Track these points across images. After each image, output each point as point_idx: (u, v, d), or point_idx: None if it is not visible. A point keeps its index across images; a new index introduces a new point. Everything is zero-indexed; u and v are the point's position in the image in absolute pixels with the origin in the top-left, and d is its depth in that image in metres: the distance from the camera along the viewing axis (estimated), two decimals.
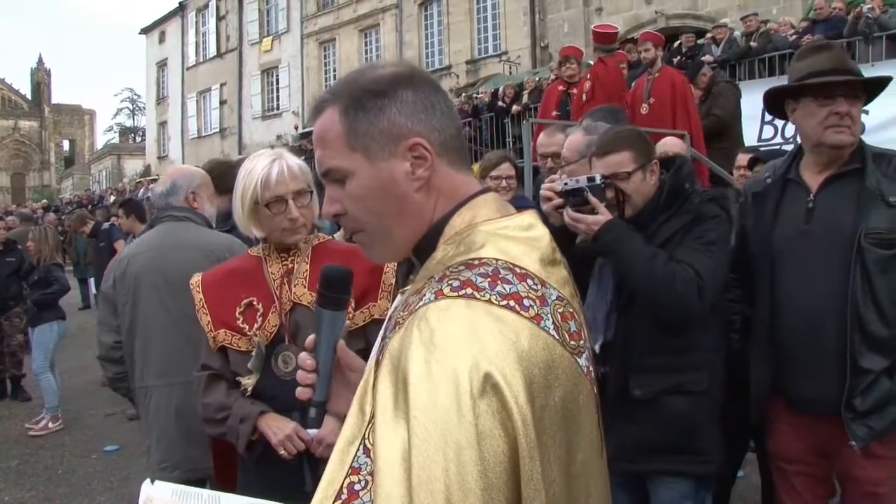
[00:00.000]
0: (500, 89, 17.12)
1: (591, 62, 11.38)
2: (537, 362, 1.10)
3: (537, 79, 16.78)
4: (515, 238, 1.22)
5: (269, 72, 38.00)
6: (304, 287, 2.50)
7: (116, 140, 73.22)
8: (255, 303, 2.50)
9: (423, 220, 1.29)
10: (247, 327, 2.50)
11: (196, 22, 42.88)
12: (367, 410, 1.10)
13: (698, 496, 2.88)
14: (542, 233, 1.27)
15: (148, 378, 3.41)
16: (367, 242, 1.35)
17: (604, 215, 2.80)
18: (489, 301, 1.11)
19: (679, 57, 13.46)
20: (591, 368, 1.24)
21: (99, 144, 76.05)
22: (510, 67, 25.55)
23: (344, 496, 1.08)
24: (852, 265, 2.64)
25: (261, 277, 2.55)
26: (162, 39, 46.51)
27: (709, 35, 14.14)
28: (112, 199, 28.50)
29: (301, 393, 1.46)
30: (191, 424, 3.25)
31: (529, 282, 1.16)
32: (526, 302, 1.13)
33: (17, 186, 70.79)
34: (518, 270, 1.17)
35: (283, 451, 2.37)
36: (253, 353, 2.46)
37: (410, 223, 1.29)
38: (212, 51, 41.88)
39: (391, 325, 1.21)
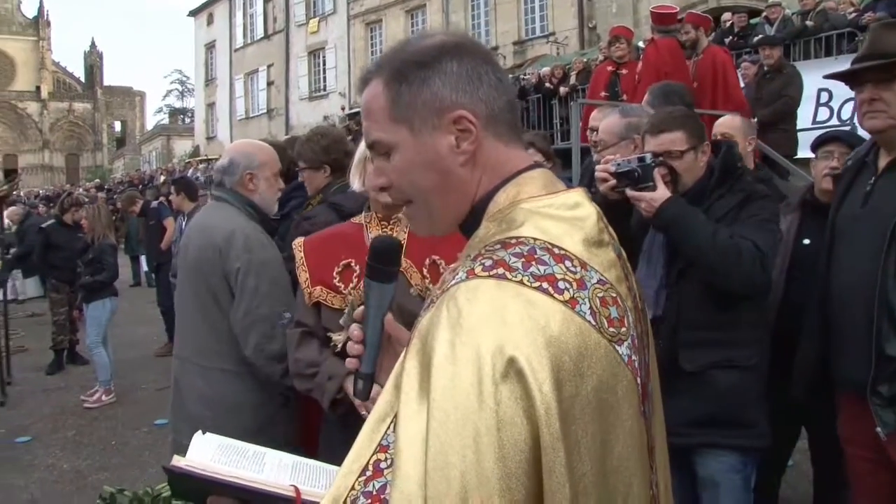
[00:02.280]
0: (547, 70, 17.00)
1: (641, 44, 11.27)
2: (568, 349, 1.04)
3: (585, 60, 16.63)
4: (558, 217, 1.18)
5: (315, 53, 38.20)
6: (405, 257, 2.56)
7: (166, 121, 74.33)
8: (352, 264, 2.58)
9: (468, 195, 1.26)
10: (342, 286, 2.59)
11: (243, 4, 43.23)
12: (402, 388, 1.07)
13: (745, 470, 2.91)
14: (587, 212, 1.21)
15: (179, 347, 3.47)
16: (413, 215, 1.33)
17: (662, 192, 2.82)
18: (521, 282, 1.06)
19: (731, 37, 13.21)
20: (634, 358, 1.16)
21: (149, 125, 77.24)
22: (557, 48, 25.36)
23: (368, 472, 1.06)
24: (885, 251, 2.61)
25: (361, 242, 2.61)
26: (210, 21, 46.96)
27: (763, 14, 13.84)
28: (161, 178, 28.94)
29: (349, 363, 1.47)
30: (186, 403, 3.31)
31: (567, 263, 1.11)
32: (561, 284, 1.08)
33: (72, 167, 72.20)
34: (556, 251, 1.12)
35: (363, 412, 2.42)
36: (346, 311, 2.50)
37: (454, 198, 1.26)
38: (259, 32, 42.21)
39: (426, 303, 1.19)
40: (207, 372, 3.26)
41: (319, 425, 2.82)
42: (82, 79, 78.20)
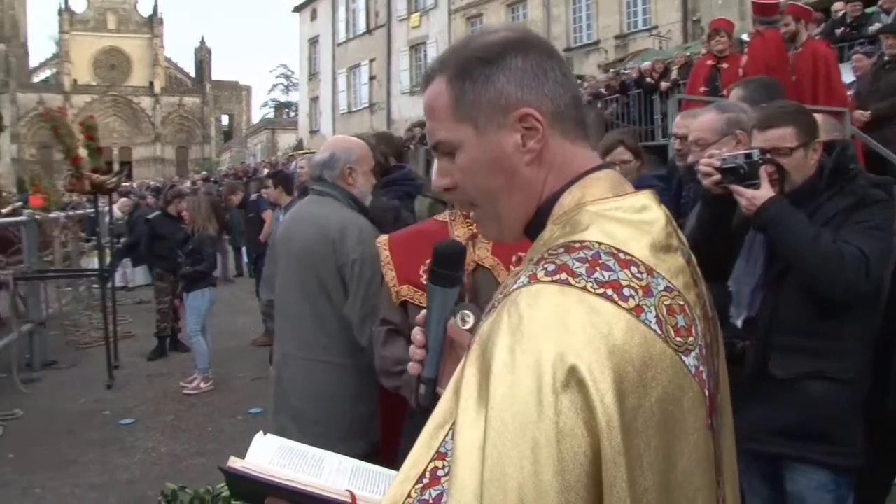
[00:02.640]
0: (648, 65, 16.66)
1: (745, 36, 10.89)
2: (631, 359, 0.99)
3: (688, 54, 16.22)
4: (625, 220, 1.13)
5: (416, 48, 38.46)
6: (487, 251, 2.54)
7: (271, 115, 76.13)
8: None
9: (534, 195, 1.21)
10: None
11: None
12: (460, 395, 1.04)
13: (839, 490, 2.74)
14: (656, 216, 1.16)
15: (280, 342, 3.51)
16: (480, 218, 1.29)
17: (766, 191, 2.71)
18: (584, 288, 1.02)
19: (843, 28, 12.64)
20: (702, 369, 1.10)
21: (255, 119, 79.28)
22: (660, 42, 24.83)
23: (426, 480, 1.04)
24: None
25: (446, 237, 2.58)
26: (314, 17, 47.85)
27: (879, 3, 13.18)
28: (265, 171, 29.66)
29: (411, 368, 1.46)
30: (289, 397, 3.35)
31: (633, 269, 1.07)
32: (626, 291, 1.04)
33: (181, 159, 74.87)
34: (622, 256, 1.07)
35: None
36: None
37: (520, 199, 1.22)
38: (361, 27, 42.79)
39: (488, 308, 1.14)
40: (311, 364, 3.30)
41: (400, 424, 2.80)
42: (192, 74, 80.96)
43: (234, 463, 1.46)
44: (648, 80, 16.01)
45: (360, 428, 3.23)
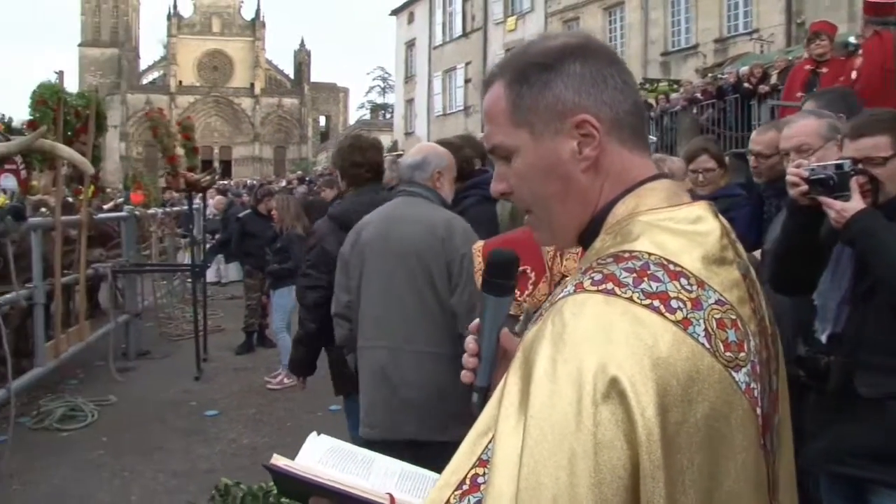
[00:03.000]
0: (746, 69, 16.21)
1: (853, 39, 10.45)
2: (676, 372, 0.97)
3: (789, 58, 15.69)
4: (677, 231, 1.10)
5: (512, 52, 38.38)
6: (575, 262, 2.53)
7: (367, 116, 77.28)
8: (528, 271, 2.57)
9: (589, 204, 1.20)
10: (518, 293, 2.55)
11: (443, 2, 44.13)
12: (502, 403, 1.04)
13: None
14: (710, 227, 1.13)
15: (364, 339, 3.58)
16: (535, 224, 1.28)
17: (856, 203, 2.58)
18: (630, 299, 1.00)
19: None
20: (754, 386, 1.07)
21: (352, 120, 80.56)
22: (762, 46, 24.11)
23: (465, 487, 1.04)
24: None
25: (536, 249, 2.59)
26: (411, 20, 48.30)
27: None
28: None
29: (464, 376, 1.44)
30: (399, 390, 3.41)
31: (683, 281, 1.04)
32: (674, 303, 1.01)
33: (279, 159, 76.73)
34: (671, 267, 1.05)
35: None
36: (521, 318, 2.49)
37: (574, 207, 1.21)
38: (457, 30, 42.98)
39: (535, 316, 1.14)
40: (420, 356, 3.43)
41: None
42: (291, 76, 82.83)
43: (278, 461, 1.47)
44: (746, 84, 15.58)
45: (461, 419, 3.26)
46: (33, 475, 5.70)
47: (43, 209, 8.20)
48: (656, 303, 1.00)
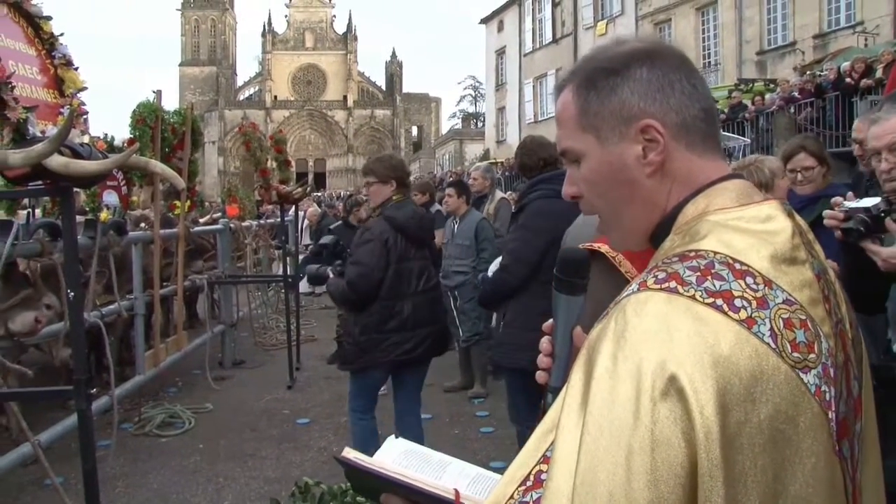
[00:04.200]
0: (848, 65, 15.61)
1: None
2: (739, 371, 0.96)
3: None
4: (746, 230, 1.10)
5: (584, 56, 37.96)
6: None
7: (459, 125, 77.69)
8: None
9: (656, 207, 1.21)
10: None
11: (532, 9, 44.05)
12: (565, 400, 1.05)
13: None
14: (781, 226, 1.12)
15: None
16: (605, 228, 1.30)
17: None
18: (692, 297, 1.00)
19: None
20: (825, 389, 1.03)
21: (444, 130, 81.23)
22: (866, 39, 23.14)
23: (529, 483, 1.05)
24: None
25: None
26: (500, 28, 48.38)
27: None
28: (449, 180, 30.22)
29: (538, 377, 1.45)
30: None
31: (749, 280, 1.03)
32: (738, 302, 1.00)
33: None
34: (737, 266, 1.04)
35: None
36: None
37: (642, 211, 1.22)
38: (548, 37, 42.81)
39: (602, 315, 1.13)
40: None
41: None
42: (383, 87, 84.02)
43: (348, 453, 1.49)
44: (848, 80, 15.01)
45: None
46: (135, 479, 5.91)
47: (143, 224, 8.51)
48: (719, 301, 1.00)
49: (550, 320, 1.45)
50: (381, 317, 5.00)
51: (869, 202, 2.51)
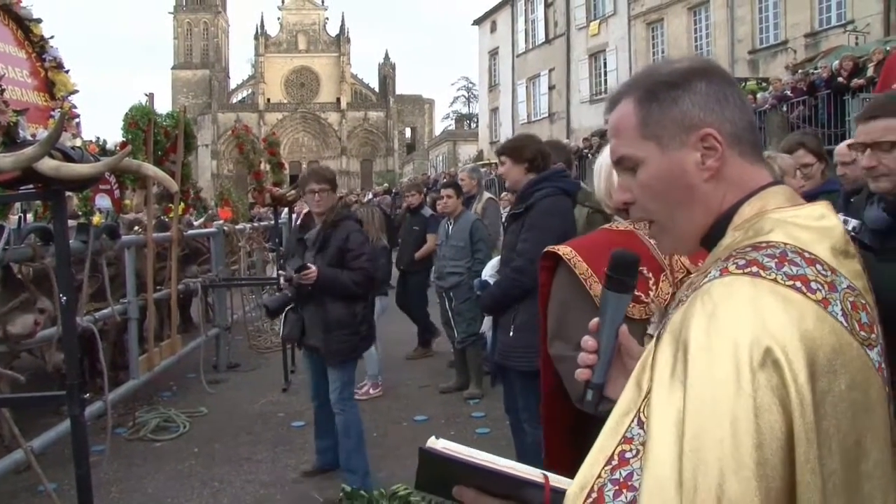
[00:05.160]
0: (837, 63, 15.63)
1: None
2: (822, 344, 1.06)
3: (887, 49, 15.03)
4: (806, 227, 1.21)
5: (596, 56, 38.04)
6: (687, 257, 2.47)
7: (452, 127, 77.70)
8: (644, 272, 2.51)
9: (710, 210, 1.31)
10: (642, 295, 2.49)
11: (525, 10, 44.05)
12: (643, 386, 1.14)
13: None
14: (834, 223, 1.23)
15: None
16: (657, 232, 1.40)
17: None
18: (775, 280, 1.10)
19: None
20: (883, 365, 1.16)
21: (437, 131, 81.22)
22: (857, 38, 23.21)
23: (614, 462, 1.12)
24: None
25: (642, 247, 2.52)
26: (493, 29, 48.36)
27: None
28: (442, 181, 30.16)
29: (580, 374, 1.52)
30: None
31: (818, 267, 1.14)
32: (813, 285, 1.11)
33: (365, 171, 78.03)
34: (807, 255, 1.15)
35: None
36: (652, 318, 2.44)
37: (697, 214, 1.32)
38: (540, 37, 42.82)
39: (674, 304, 1.26)
40: None
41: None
42: (376, 89, 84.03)
43: (435, 444, 1.46)
44: (840, 79, 15.04)
45: None
46: (129, 483, 5.88)
47: (137, 227, 8.47)
48: (798, 284, 1.10)
49: (596, 319, 1.52)
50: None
51: (851, 223, 2.58)
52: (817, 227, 1.21)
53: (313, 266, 5.20)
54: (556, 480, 1.36)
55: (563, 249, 2.58)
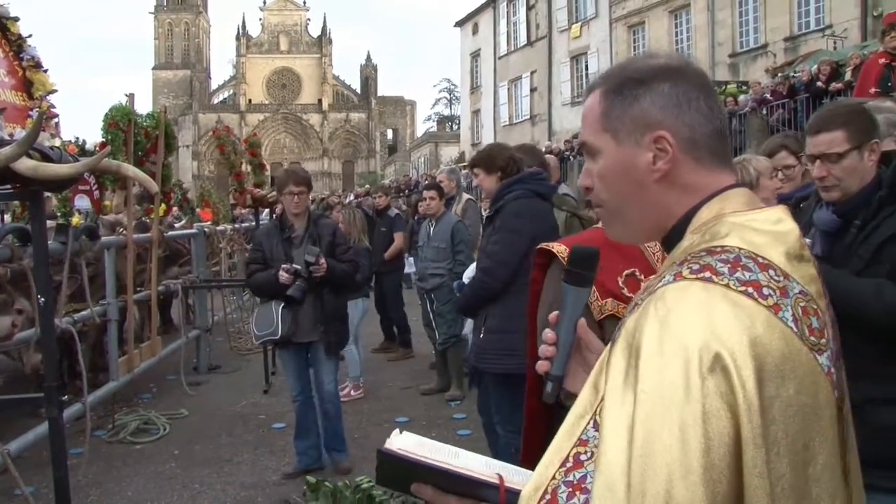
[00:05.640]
0: (815, 67, 15.78)
1: None
2: (771, 350, 1.07)
3: (864, 53, 15.20)
4: (762, 230, 1.21)
5: (578, 58, 38.18)
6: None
7: (434, 128, 77.73)
8: (637, 273, 2.53)
9: (663, 210, 1.32)
10: (633, 296, 2.50)
11: (507, 12, 44.18)
12: (600, 388, 1.14)
13: None
14: (790, 228, 1.24)
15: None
16: (605, 218, 1.41)
17: None
18: (727, 286, 1.11)
19: None
20: (833, 370, 1.17)
21: (419, 132, 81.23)
22: (835, 42, 23.45)
23: (569, 464, 1.13)
24: None
25: (636, 250, 2.55)
26: (475, 31, 48.44)
27: None
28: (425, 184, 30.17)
29: (540, 366, 1.53)
30: None
31: (771, 272, 1.15)
32: (765, 291, 1.12)
33: (347, 173, 77.90)
34: (760, 260, 1.15)
35: None
36: None
37: (646, 210, 1.33)
38: (522, 40, 42.95)
39: (631, 307, 1.25)
40: None
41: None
42: (358, 90, 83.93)
43: (391, 445, 1.49)
44: (818, 83, 15.19)
45: None
46: (109, 486, 5.83)
47: (120, 229, 8.41)
48: (750, 289, 1.11)
49: (555, 312, 1.53)
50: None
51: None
52: (773, 232, 1.21)
53: (322, 260, 5.47)
54: (510, 482, 1.39)
55: (558, 247, 2.62)
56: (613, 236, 1.42)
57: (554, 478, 1.14)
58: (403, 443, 1.57)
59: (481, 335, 4.58)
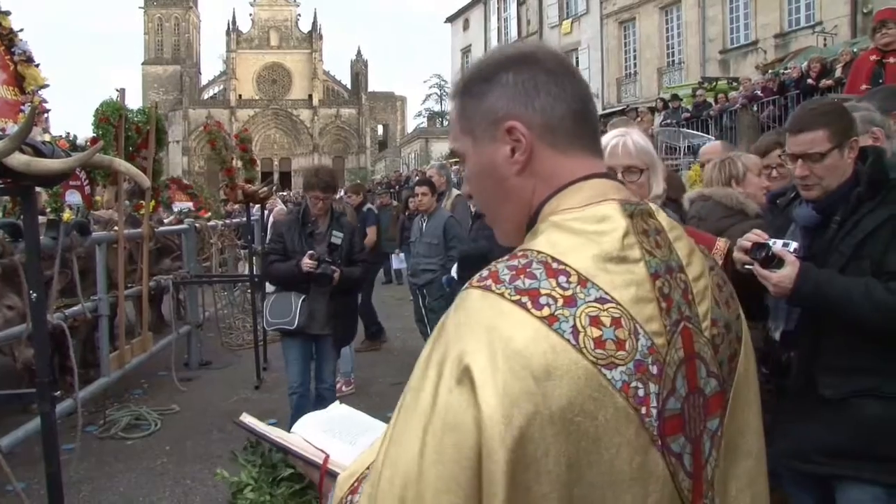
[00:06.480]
0: (805, 64, 15.84)
1: None
2: (531, 365, 1.02)
3: (854, 50, 15.25)
4: (576, 230, 1.15)
5: (568, 54, 37.76)
6: None
7: (425, 124, 77.60)
8: None
9: (524, 204, 1.27)
10: None
11: (498, 8, 44.18)
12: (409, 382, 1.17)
13: (891, 502, 2.57)
14: (612, 227, 1.16)
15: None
16: (489, 222, 1.37)
17: (791, 265, 2.59)
18: (501, 294, 1.08)
19: None
20: (638, 385, 1.08)
21: (409, 128, 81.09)
22: (825, 39, 23.54)
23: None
24: None
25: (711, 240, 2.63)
26: (466, 27, 48.43)
27: None
28: (416, 179, 30.12)
29: None
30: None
31: (561, 279, 1.09)
32: (542, 300, 1.07)
33: (338, 168, 77.48)
34: (554, 266, 1.10)
35: None
36: None
37: (514, 207, 1.28)
38: (513, 36, 42.90)
39: None
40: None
41: None
42: (348, 86, 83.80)
43: (246, 418, 1.63)
44: (809, 80, 15.25)
45: None
46: (100, 482, 5.83)
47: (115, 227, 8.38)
48: (524, 299, 1.06)
49: None
50: None
51: (792, 245, 2.67)
52: (589, 232, 1.15)
53: (336, 269, 5.74)
54: (335, 464, 1.44)
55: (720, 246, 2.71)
56: (500, 240, 1.37)
57: (368, 468, 1.16)
58: (328, 414, 1.71)
59: None
